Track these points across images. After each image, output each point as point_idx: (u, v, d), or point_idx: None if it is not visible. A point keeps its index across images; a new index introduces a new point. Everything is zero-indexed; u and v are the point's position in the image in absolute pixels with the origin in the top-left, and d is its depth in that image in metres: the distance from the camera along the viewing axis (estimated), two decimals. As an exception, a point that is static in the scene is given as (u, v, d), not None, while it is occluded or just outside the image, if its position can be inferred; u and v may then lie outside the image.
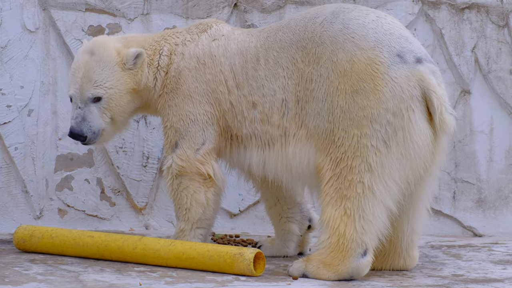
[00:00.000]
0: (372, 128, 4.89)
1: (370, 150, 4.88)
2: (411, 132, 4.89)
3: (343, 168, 4.91)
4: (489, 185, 6.58)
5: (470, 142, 6.58)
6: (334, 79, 4.97)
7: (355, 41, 4.96)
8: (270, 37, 5.25)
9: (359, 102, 4.90)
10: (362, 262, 4.90)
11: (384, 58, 4.92)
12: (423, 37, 6.55)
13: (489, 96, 6.59)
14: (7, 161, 6.34)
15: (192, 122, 5.35)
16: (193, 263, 5.11)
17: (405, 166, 4.90)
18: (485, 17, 6.57)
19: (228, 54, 5.35)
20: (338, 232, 4.89)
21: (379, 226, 4.91)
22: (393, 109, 4.89)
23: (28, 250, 5.57)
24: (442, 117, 4.92)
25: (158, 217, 6.49)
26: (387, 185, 4.89)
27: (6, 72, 6.32)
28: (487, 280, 5.04)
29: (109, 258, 5.33)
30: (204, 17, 6.45)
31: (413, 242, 5.20)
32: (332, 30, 5.03)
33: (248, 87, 5.27)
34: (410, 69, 4.93)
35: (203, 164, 5.33)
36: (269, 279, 4.97)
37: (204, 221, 5.38)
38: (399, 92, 4.89)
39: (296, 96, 5.11)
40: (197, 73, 5.40)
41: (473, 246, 6.09)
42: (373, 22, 5.01)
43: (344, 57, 4.96)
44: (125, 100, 5.48)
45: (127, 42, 5.53)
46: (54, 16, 6.37)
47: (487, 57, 6.57)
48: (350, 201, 4.88)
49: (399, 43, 4.96)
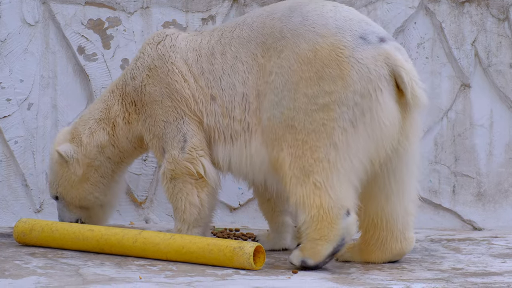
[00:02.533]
0: (339, 110, 4.92)
1: (336, 130, 4.92)
2: (379, 112, 4.92)
3: (307, 149, 4.94)
4: (488, 179, 6.58)
5: (470, 136, 6.58)
6: (297, 68, 5.00)
7: (316, 30, 5.01)
8: (225, 34, 5.31)
9: (325, 87, 4.94)
10: (349, 221, 4.95)
11: (347, 41, 4.95)
12: (423, 31, 6.54)
13: (489, 89, 6.58)
14: (7, 155, 6.33)
15: (165, 123, 5.39)
16: (193, 256, 5.11)
17: (370, 146, 4.93)
18: (485, 11, 6.56)
19: (177, 50, 5.41)
20: (315, 205, 4.94)
21: (349, 194, 4.95)
22: (361, 91, 4.92)
23: (28, 244, 5.56)
24: (413, 92, 4.94)
25: (158, 211, 6.48)
26: (351, 162, 4.93)
27: (6, 66, 6.32)
28: (487, 273, 5.04)
29: (109, 251, 5.33)
30: (204, 10, 6.44)
31: (409, 224, 5.20)
32: (291, 23, 5.08)
33: (205, 80, 5.31)
34: (375, 49, 4.95)
35: (192, 163, 5.34)
36: (269, 272, 4.97)
37: (200, 220, 5.40)
38: (366, 73, 4.92)
39: (257, 90, 5.14)
40: (150, 79, 5.44)
41: (473, 239, 6.09)
42: (331, 11, 5.06)
43: (306, 47, 5.00)
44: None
45: (75, 131, 5.73)
46: (54, 10, 6.36)
47: (487, 51, 6.56)
48: (318, 175, 4.93)
49: (359, 26, 5.01)
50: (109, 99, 5.62)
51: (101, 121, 5.62)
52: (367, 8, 6.48)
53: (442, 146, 6.57)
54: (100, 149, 5.62)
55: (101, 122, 5.62)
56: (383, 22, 6.48)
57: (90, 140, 5.63)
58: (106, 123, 5.62)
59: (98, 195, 5.71)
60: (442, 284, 4.75)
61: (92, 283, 4.63)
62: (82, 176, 5.66)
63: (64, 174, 5.67)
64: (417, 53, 6.53)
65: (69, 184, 5.68)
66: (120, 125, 5.58)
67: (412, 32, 6.54)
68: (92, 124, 5.64)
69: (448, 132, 6.57)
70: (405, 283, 4.75)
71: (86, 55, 6.39)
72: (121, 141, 5.61)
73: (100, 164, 5.66)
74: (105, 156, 5.65)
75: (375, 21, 6.45)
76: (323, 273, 4.99)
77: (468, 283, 4.77)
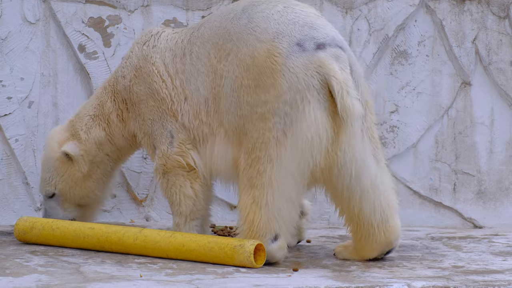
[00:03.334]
0: (273, 120, 4.90)
1: (271, 142, 4.91)
2: (303, 124, 4.87)
3: (254, 158, 4.95)
4: (489, 176, 6.57)
5: (470, 134, 6.57)
6: (238, 74, 5.00)
7: (257, 34, 4.98)
8: (194, 33, 5.33)
9: (261, 96, 4.93)
10: (272, 247, 4.98)
11: (282, 48, 4.91)
12: (424, 29, 6.53)
13: (490, 87, 6.57)
14: (8, 153, 6.33)
15: (152, 121, 5.42)
16: (193, 254, 5.10)
17: (298, 157, 4.90)
18: (486, 9, 6.55)
19: (158, 50, 5.42)
20: (248, 219, 4.97)
21: (283, 214, 4.95)
22: (290, 101, 4.88)
23: (28, 242, 5.56)
24: (343, 102, 4.83)
25: (158, 209, 6.48)
26: (285, 176, 4.92)
27: (7, 64, 6.31)
28: (488, 271, 5.03)
29: (110, 249, 5.33)
30: (204, 8, 6.43)
31: (387, 214, 5.13)
32: (238, 25, 5.06)
33: (179, 80, 5.34)
34: (308, 57, 4.90)
35: (181, 156, 5.36)
36: (269, 270, 4.97)
37: (197, 212, 5.41)
38: (295, 82, 4.88)
39: (213, 93, 5.16)
40: (137, 79, 5.47)
41: (474, 237, 6.09)
42: (278, 13, 5.00)
43: (247, 52, 4.99)
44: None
45: (73, 128, 5.74)
46: (54, 8, 6.35)
47: (488, 49, 6.55)
48: (257, 190, 4.94)
49: (301, 31, 4.93)
50: (102, 96, 5.66)
51: (96, 117, 5.66)
52: (367, 6, 6.47)
53: (442, 144, 6.56)
54: (99, 146, 5.64)
55: (96, 118, 5.66)
56: (383, 20, 6.48)
57: (88, 136, 5.65)
58: (101, 119, 5.65)
59: (97, 192, 5.74)
60: (442, 282, 4.75)
61: (92, 281, 4.63)
62: (88, 173, 5.67)
63: (68, 171, 5.69)
64: (417, 51, 6.53)
65: (72, 181, 5.70)
66: (115, 122, 5.60)
67: (412, 30, 6.53)
68: (88, 120, 5.67)
69: (449, 130, 6.56)
70: (406, 281, 4.74)
71: (86, 53, 6.39)
72: (117, 138, 5.63)
73: (100, 161, 5.68)
74: (104, 153, 5.67)
75: (375, 19, 6.46)
76: (323, 270, 4.99)
77: (469, 281, 4.77)
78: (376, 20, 6.49)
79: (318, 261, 5.27)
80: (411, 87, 6.54)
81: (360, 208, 5.09)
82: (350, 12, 6.46)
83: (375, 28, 6.49)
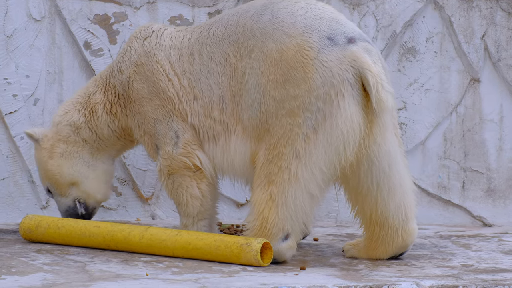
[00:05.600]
0: (303, 116, 4.86)
1: (300, 138, 4.87)
2: (338, 119, 4.83)
3: (276, 154, 4.91)
4: (499, 174, 6.54)
5: (479, 131, 6.54)
6: (265, 69, 4.95)
7: (284, 29, 4.94)
8: (203, 33, 5.27)
9: (290, 91, 4.88)
10: (282, 246, 4.97)
11: (313, 42, 4.87)
12: (432, 25, 6.50)
13: (499, 84, 6.54)
14: (13, 151, 6.32)
15: (155, 121, 5.38)
16: (199, 253, 5.08)
17: (330, 153, 4.86)
18: (495, 5, 6.52)
19: (161, 47, 5.37)
20: (262, 216, 4.94)
21: (300, 213, 4.94)
22: (323, 96, 4.84)
23: (34, 240, 5.55)
24: (378, 95, 4.80)
25: (164, 207, 6.47)
26: (312, 172, 4.88)
27: (12, 61, 6.30)
28: (497, 270, 5.01)
29: (116, 248, 5.31)
30: (211, 5, 6.41)
31: (407, 217, 5.12)
32: (261, 22, 5.01)
33: (187, 80, 5.29)
34: (341, 51, 4.87)
35: (187, 156, 5.32)
36: (276, 269, 4.95)
37: (204, 212, 5.38)
38: (329, 77, 4.84)
39: (231, 91, 5.11)
40: (138, 75, 5.42)
41: (483, 236, 6.06)
42: (302, 9, 4.98)
43: (273, 47, 4.94)
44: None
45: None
46: (60, 5, 6.34)
47: (497, 45, 6.52)
48: (276, 187, 4.91)
49: (329, 26, 4.91)
50: (91, 86, 5.67)
51: (78, 103, 5.67)
52: (375, 2, 6.44)
53: (451, 141, 6.53)
54: (74, 129, 5.63)
55: (78, 104, 5.67)
56: (391, 16, 6.44)
57: (62, 119, 5.67)
58: (84, 106, 5.64)
59: (79, 168, 5.68)
60: (451, 281, 4.72)
61: (98, 280, 4.62)
62: (51, 149, 5.66)
63: (38, 156, 5.70)
64: (425, 47, 6.49)
65: (43, 163, 5.67)
66: (99, 112, 5.59)
67: (420, 26, 6.50)
68: (68, 105, 5.70)
69: (458, 127, 6.53)
70: (414, 279, 4.72)
71: (92, 50, 6.37)
72: (101, 127, 5.62)
73: (73, 141, 5.65)
74: (80, 138, 5.65)
75: (383, 16, 6.43)
76: (331, 269, 4.97)
77: (478, 280, 4.74)
78: (383, 17, 6.46)
79: (325, 259, 5.25)
80: (419, 84, 6.51)
81: (385, 206, 5.06)
82: (357, 8, 6.43)
83: (383, 25, 6.46)
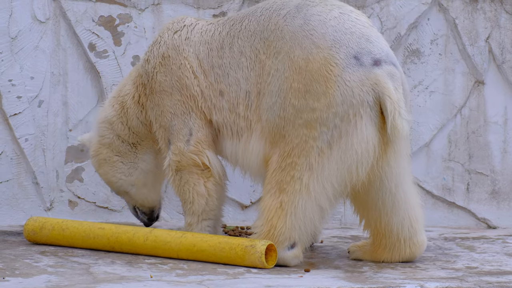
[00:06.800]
0: (320, 130, 4.86)
1: (314, 151, 4.87)
2: (353, 138, 4.84)
3: (289, 163, 4.92)
4: (503, 176, 6.54)
5: (484, 133, 6.53)
6: (289, 75, 4.93)
7: (313, 39, 4.91)
8: (235, 25, 5.23)
9: (310, 103, 4.87)
10: (288, 254, 4.99)
11: (339, 59, 4.86)
12: (437, 27, 6.50)
13: (503, 86, 6.54)
14: (18, 153, 6.32)
15: (172, 115, 5.36)
16: (204, 255, 5.08)
17: (342, 170, 4.87)
18: (499, 7, 6.51)
19: (191, 43, 5.34)
20: (271, 223, 4.95)
21: (309, 224, 4.95)
22: (342, 114, 4.84)
23: (38, 242, 5.55)
24: (394, 123, 4.82)
25: (169, 209, 6.46)
26: (323, 186, 4.89)
27: (17, 63, 6.31)
28: (502, 272, 5.00)
29: (120, 250, 5.31)
30: (215, 7, 6.41)
31: (415, 229, 5.13)
32: (292, 25, 4.98)
33: (214, 75, 5.26)
34: (365, 73, 4.86)
35: (197, 154, 5.32)
36: (280, 271, 4.94)
37: (209, 212, 5.37)
38: (350, 96, 4.83)
39: (257, 88, 5.09)
40: (163, 67, 5.39)
41: (487, 238, 6.05)
42: (335, 19, 4.93)
43: (300, 54, 4.91)
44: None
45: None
46: (65, 7, 6.34)
47: (501, 47, 6.51)
48: (287, 196, 4.91)
49: (358, 43, 4.88)
50: (127, 79, 5.65)
51: (113, 98, 5.67)
52: (379, 4, 6.44)
53: (456, 144, 6.52)
54: (108, 125, 5.62)
55: (112, 99, 5.67)
56: (396, 18, 6.44)
57: (99, 117, 5.69)
58: (116, 100, 5.63)
59: (120, 176, 5.68)
60: (456, 283, 4.71)
61: (102, 282, 4.62)
62: (97, 156, 5.66)
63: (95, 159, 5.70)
64: (430, 49, 6.49)
65: (97, 171, 5.71)
66: (128, 103, 5.57)
67: (425, 29, 6.49)
68: (105, 103, 5.72)
69: (462, 129, 6.52)
70: (419, 282, 4.71)
71: (97, 52, 6.37)
72: (131, 120, 5.59)
73: (110, 142, 5.62)
74: (114, 134, 5.63)
75: (388, 18, 6.42)
76: (335, 271, 4.96)
77: (483, 282, 4.73)
78: (388, 19, 6.45)
79: (330, 261, 5.25)
80: (423, 86, 6.50)
81: (388, 220, 5.09)
82: (362, 10, 6.42)
83: (388, 27, 6.46)
